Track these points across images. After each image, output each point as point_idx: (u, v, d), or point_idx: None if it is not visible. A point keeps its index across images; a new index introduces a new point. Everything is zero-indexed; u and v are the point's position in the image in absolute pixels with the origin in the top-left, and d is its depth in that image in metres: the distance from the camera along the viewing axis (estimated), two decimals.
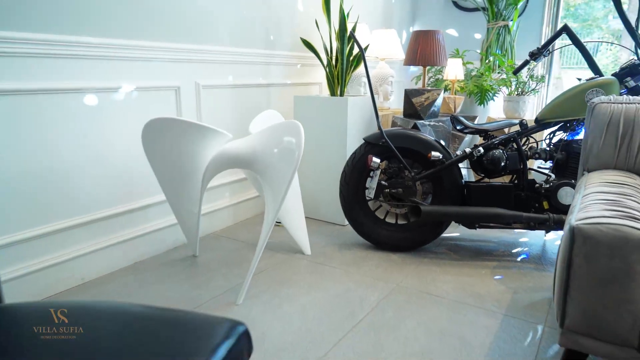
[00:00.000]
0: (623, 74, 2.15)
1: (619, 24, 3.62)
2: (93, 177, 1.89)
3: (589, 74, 2.31)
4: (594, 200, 1.16)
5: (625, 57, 2.70)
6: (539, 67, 3.71)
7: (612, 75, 2.17)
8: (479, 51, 3.74)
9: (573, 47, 2.26)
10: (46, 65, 1.67)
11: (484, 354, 1.43)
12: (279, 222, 2.58)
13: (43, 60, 1.66)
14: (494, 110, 3.46)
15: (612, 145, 1.52)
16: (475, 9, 3.90)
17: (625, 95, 1.60)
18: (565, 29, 2.26)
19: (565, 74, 3.93)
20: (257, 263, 1.79)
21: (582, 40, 2.29)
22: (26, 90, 1.62)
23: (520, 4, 3.58)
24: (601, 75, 2.23)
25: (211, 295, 1.78)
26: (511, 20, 3.53)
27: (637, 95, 2.16)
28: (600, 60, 3.96)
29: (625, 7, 3.17)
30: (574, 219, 1.08)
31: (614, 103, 1.54)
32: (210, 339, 0.68)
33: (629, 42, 3.26)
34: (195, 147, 1.88)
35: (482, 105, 3.16)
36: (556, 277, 1.12)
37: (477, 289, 1.86)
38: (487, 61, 3.50)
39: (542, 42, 3.50)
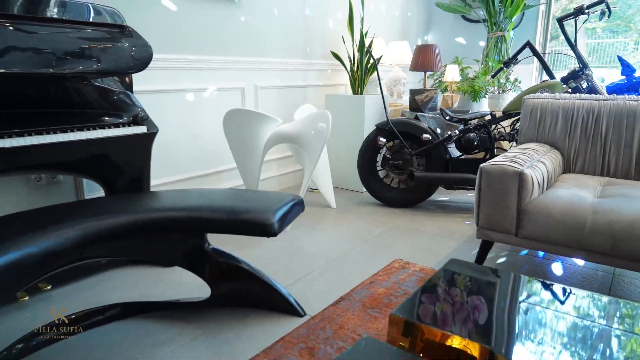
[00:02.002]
0: (567, 77, 2.91)
1: None
2: (186, 150, 2.80)
3: (614, 72, 3.00)
4: (502, 156, 1.97)
5: None
6: (534, 72, 4.43)
7: (560, 79, 2.93)
8: (476, 58, 4.48)
9: (605, 50, 2.93)
10: (165, 75, 2.58)
11: (445, 257, 2.25)
12: (316, 188, 3.45)
13: (164, 72, 2.57)
14: (486, 106, 4.21)
15: (533, 126, 2.31)
16: (478, 21, 4.66)
17: (547, 93, 2.36)
18: (528, 44, 3.03)
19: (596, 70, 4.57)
20: (306, 188, 2.64)
21: (541, 53, 3.05)
22: (160, 90, 2.54)
23: (515, 17, 4.32)
24: (553, 78, 2.99)
25: None
26: (507, 31, 4.27)
27: (579, 93, 2.91)
28: (629, 61, 4.59)
29: None
30: (484, 164, 1.88)
31: (535, 99, 2.32)
32: (284, 200, 1.54)
33: None
34: (257, 128, 2.76)
35: (476, 101, 3.93)
36: (475, 198, 1.92)
37: (451, 228, 2.67)
38: (483, 65, 4.26)
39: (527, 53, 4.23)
